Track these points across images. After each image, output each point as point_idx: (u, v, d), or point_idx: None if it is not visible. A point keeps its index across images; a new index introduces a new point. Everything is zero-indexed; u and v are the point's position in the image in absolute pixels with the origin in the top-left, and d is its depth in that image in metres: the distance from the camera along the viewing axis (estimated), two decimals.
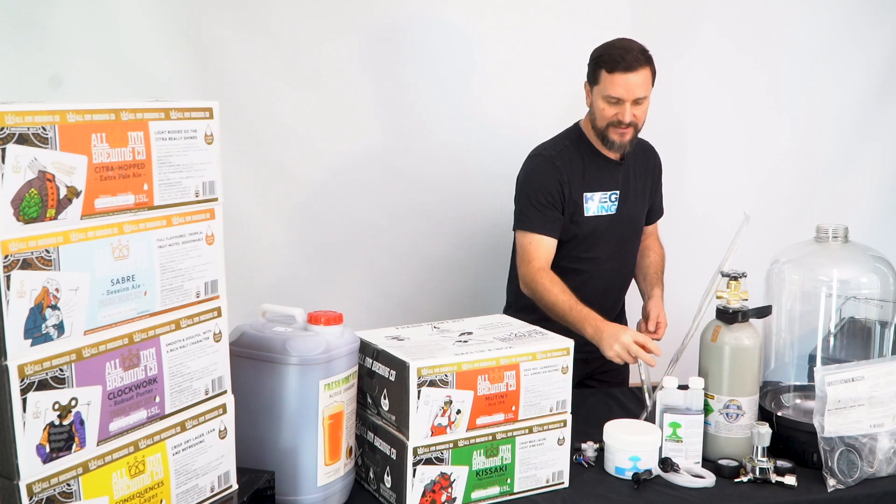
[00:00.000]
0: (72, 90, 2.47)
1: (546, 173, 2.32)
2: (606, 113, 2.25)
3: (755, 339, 1.87)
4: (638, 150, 2.45)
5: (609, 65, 2.22)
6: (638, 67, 2.20)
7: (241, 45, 2.70)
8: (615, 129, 2.26)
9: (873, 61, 3.24)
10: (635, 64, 2.20)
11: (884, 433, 1.80)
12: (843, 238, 2.06)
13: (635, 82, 2.21)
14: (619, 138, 2.28)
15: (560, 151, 2.34)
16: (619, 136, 2.27)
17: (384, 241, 2.95)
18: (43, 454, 1.12)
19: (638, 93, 2.22)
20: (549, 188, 2.29)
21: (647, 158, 2.49)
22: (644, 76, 2.22)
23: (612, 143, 2.29)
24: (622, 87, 2.21)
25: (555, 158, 2.32)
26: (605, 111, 2.25)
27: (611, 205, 2.35)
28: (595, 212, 2.33)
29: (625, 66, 2.19)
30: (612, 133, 2.27)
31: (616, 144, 2.29)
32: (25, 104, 1.09)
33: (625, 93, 2.21)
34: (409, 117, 2.90)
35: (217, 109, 1.36)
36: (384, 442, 1.64)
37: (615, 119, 2.24)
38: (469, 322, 1.87)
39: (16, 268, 1.08)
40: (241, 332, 1.57)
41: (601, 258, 2.37)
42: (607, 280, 2.41)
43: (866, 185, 3.33)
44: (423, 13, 2.86)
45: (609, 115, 2.25)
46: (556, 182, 2.29)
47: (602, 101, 2.25)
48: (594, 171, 2.34)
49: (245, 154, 2.72)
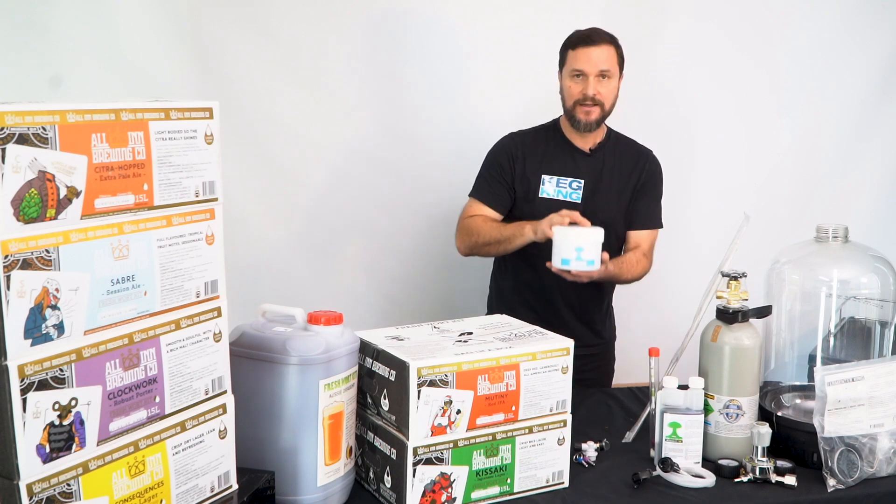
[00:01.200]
0: (72, 90, 2.47)
1: (501, 147, 2.44)
2: (573, 90, 2.32)
3: (755, 339, 1.87)
4: (627, 152, 2.45)
5: (573, 42, 2.33)
6: (601, 42, 2.29)
7: (242, 45, 2.70)
8: (581, 107, 2.31)
9: (873, 61, 3.24)
10: (598, 39, 2.29)
11: (884, 433, 1.80)
12: (843, 238, 2.06)
13: (598, 55, 2.28)
14: (585, 116, 2.32)
15: (527, 132, 2.46)
16: (585, 115, 2.32)
17: (384, 241, 2.96)
18: (43, 454, 1.12)
19: (602, 65, 2.28)
20: (500, 161, 2.41)
21: (639, 162, 2.48)
22: (608, 51, 2.29)
23: (579, 121, 2.34)
24: (584, 59, 2.29)
25: (516, 136, 2.44)
26: (571, 88, 2.32)
27: (571, 192, 2.37)
28: (552, 195, 2.37)
29: (587, 41, 2.29)
30: (578, 111, 2.32)
31: (582, 123, 2.33)
32: (25, 104, 1.09)
33: (587, 65, 2.28)
34: (409, 117, 2.90)
35: (217, 109, 1.36)
36: (384, 442, 1.64)
37: (580, 95, 2.30)
38: (469, 322, 1.87)
39: (16, 268, 1.08)
40: (241, 332, 1.57)
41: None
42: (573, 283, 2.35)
43: (866, 185, 3.34)
44: (422, 13, 2.87)
45: (575, 91, 2.31)
46: (507, 156, 2.40)
47: (568, 80, 2.33)
48: (557, 155, 2.40)
49: (245, 154, 2.72)
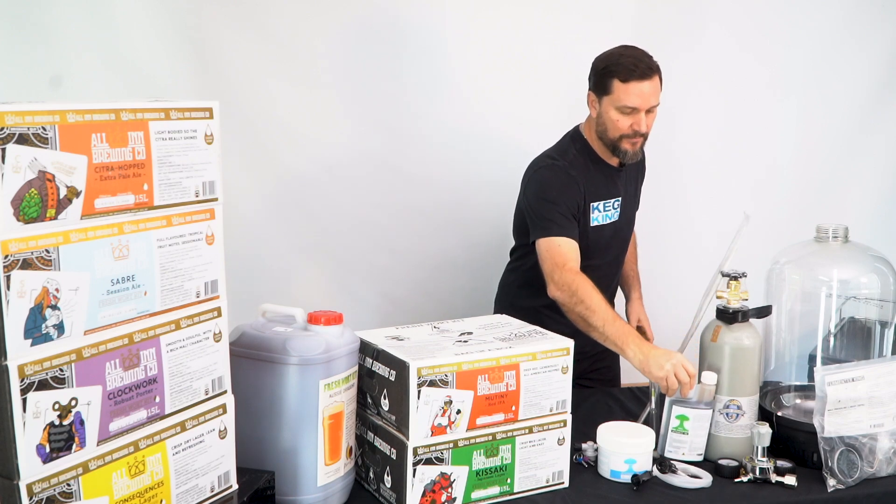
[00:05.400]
0: (72, 90, 2.47)
1: (567, 184, 2.24)
2: (621, 124, 2.19)
3: (755, 339, 1.87)
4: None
5: (622, 74, 2.16)
6: (651, 75, 2.16)
7: (241, 45, 2.70)
8: (629, 140, 2.22)
9: (875, 60, 3.24)
10: (648, 72, 2.16)
11: (884, 433, 1.80)
12: (843, 238, 2.06)
13: (650, 91, 2.16)
14: (632, 147, 2.23)
15: (571, 161, 2.28)
16: (632, 146, 2.23)
17: (384, 241, 2.95)
18: (43, 454, 1.12)
19: (652, 101, 2.18)
20: (573, 197, 2.23)
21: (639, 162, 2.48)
22: (656, 84, 2.18)
23: (625, 153, 2.24)
24: (637, 95, 2.15)
25: (569, 168, 2.26)
26: (619, 122, 2.19)
27: (614, 212, 2.33)
28: (601, 221, 2.30)
29: (639, 75, 2.14)
30: (625, 143, 2.22)
31: (629, 154, 2.25)
32: (25, 104, 1.09)
33: (640, 101, 2.16)
34: (409, 117, 2.90)
35: (217, 109, 1.36)
36: (384, 442, 1.64)
37: (630, 130, 2.19)
38: (469, 322, 1.87)
39: (16, 268, 1.08)
40: (241, 332, 1.57)
41: (600, 265, 2.32)
42: (603, 287, 2.28)
43: (867, 185, 3.33)
44: (422, 12, 2.86)
45: (624, 126, 2.19)
46: (577, 192, 2.23)
47: (615, 112, 2.19)
48: (601, 180, 2.30)
49: (245, 154, 2.72)
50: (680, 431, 1.81)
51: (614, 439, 1.76)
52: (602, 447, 1.77)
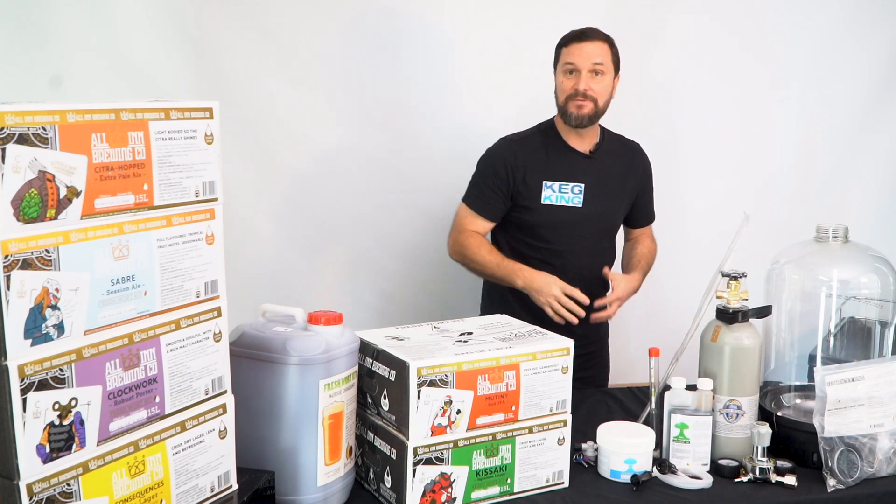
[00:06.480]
0: (72, 90, 2.47)
1: (496, 154, 2.41)
2: (565, 86, 2.33)
3: (755, 339, 1.87)
4: (620, 150, 2.46)
5: (565, 39, 2.35)
6: (594, 39, 2.31)
7: (241, 45, 2.70)
8: (573, 101, 2.31)
9: (875, 60, 3.24)
10: (591, 35, 2.31)
11: (884, 433, 1.80)
12: (843, 238, 2.06)
13: (590, 50, 2.29)
14: (577, 110, 2.32)
15: (524, 137, 2.43)
16: (577, 108, 2.32)
17: (384, 241, 2.95)
18: (43, 454, 1.12)
19: (594, 58, 2.29)
20: (496, 168, 2.38)
21: (633, 160, 2.50)
22: (601, 47, 2.31)
23: (570, 115, 2.33)
24: (577, 53, 2.31)
25: (514, 142, 2.41)
26: (564, 84, 2.33)
27: (573, 197, 2.36)
28: (554, 201, 2.36)
29: (580, 37, 2.31)
30: (570, 105, 2.32)
31: (573, 117, 2.33)
32: (25, 104, 1.09)
33: (579, 59, 2.29)
34: (408, 117, 2.90)
35: (217, 109, 1.36)
36: (384, 442, 1.64)
37: (573, 90, 2.30)
38: (469, 322, 1.87)
39: (16, 268, 1.08)
40: (241, 332, 1.57)
41: (564, 252, 2.36)
42: (572, 278, 2.34)
43: (867, 185, 3.33)
44: (422, 12, 2.87)
45: (567, 87, 2.32)
46: (503, 163, 2.37)
47: (561, 76, 2.35)
48: (557, 160, 2.38)
49: (245, 154, 2.72)
50: (681, 441, 1.80)
51: (614, 439, 1.76)
52: (602, 447, 1.77)
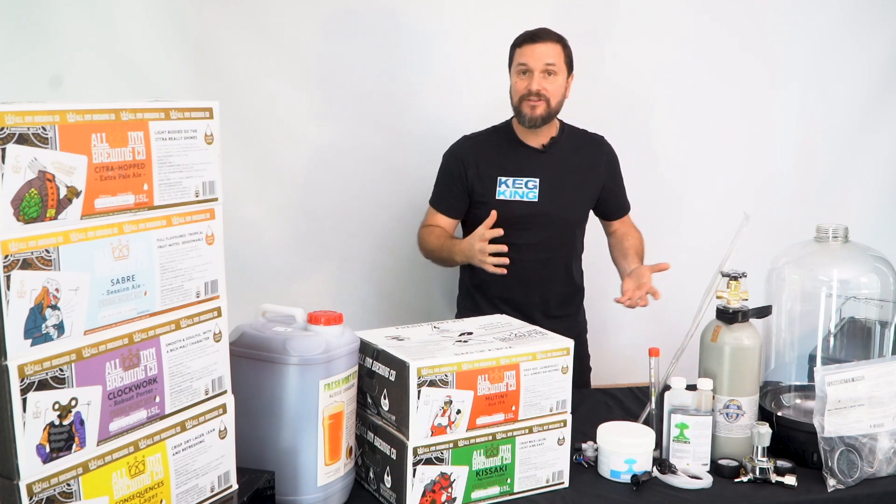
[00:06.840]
0: (72, 90, 2.47)
1: (452, 153, 2.47)
2: (518, 86, 2.36)
3: (755, 339, 1.87)
4: (580, 143, 2.47)
5: (519, 41, 2.38)
6: (546, 39, 2.34)
7: (241, 45, 2.70)
8: (526, 102, 2.34)
9: (875, 60, 3.24)
10: (543, 35, 2.34)
11: (884, 433, 1.80)
12: (843, 238, 2.06)
13: (542, 51, 2.32)
14: (530, 111, 2.34)
15: (480, 135, 2.48)
16: (531, 109, 2.34)
17: (384, 241, 2.95)
18: (43, 454, 1.12)
19: (546, 59, 2.31)
20: (451, 167, 2.45)
21: (593, 153, 2.50)
22: (553, 48, 2.33)
23: (524, 116, 2.36)
24: (529, 54, 2.33)
25: (469, 139, 2.47)
26: (517, 84, 2.36)
27: (528, 191, 2.38)
28: (508, 196, 2.39)
29: (532, 38, 2.34)
30: (524, 106, 2.35)
31: (527, 118, 2.35)
32: (25, 104, 1.09)
33: (532, 59, 2.32)
34: (409, 117, 2.90)
35: (217, 109, 1.36)
36: (384, 442, 1.64)
37: (525, 91, 2.33)
38: (469, 322, 1.87)
39: (16, 268, 1.08)
40: (241, 332, 1.57)
41: (520, 245, 2.34)
42: (529, 271, 2.40)
43: (867, 185, 3.33)
44: (421, 12, 2.86)
45: (521, 87, 2.35)
46: (457, 161, 2.43)
47: (514, 77, 2.38)
48: (512, 156, 2.41)
49: (245, 154, 2.72)
50: (681, 441, 1.80)
51: (614, 439, 1.76)
52: (602, 447, 1.77)
